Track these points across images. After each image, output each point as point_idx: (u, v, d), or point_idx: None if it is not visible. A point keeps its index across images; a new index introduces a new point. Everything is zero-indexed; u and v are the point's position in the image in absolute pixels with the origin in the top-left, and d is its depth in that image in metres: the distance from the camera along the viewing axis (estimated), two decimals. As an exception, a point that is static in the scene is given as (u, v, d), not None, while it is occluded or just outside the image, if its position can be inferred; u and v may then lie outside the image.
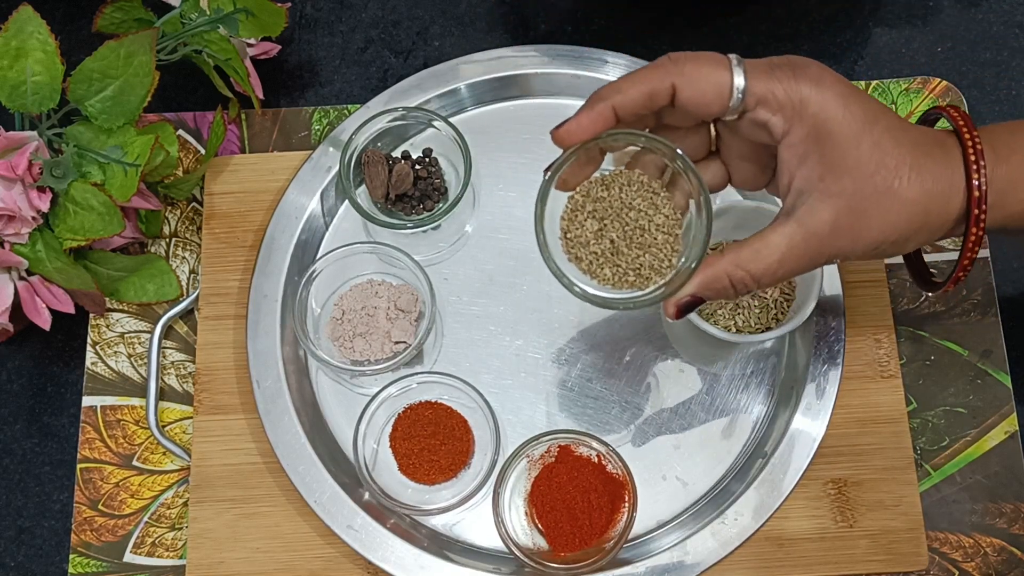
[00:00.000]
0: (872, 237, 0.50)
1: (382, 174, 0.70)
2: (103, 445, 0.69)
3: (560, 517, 0.63)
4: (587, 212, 0.53)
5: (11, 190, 0.62)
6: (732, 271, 0.51)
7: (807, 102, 0.49)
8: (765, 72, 0.49)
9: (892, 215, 0.49)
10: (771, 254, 0.50)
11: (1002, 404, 0.68)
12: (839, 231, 0.50)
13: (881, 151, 0.49)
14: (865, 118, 0.49)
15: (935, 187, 0.49)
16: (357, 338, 0.68)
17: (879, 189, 0.49)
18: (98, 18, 0.68)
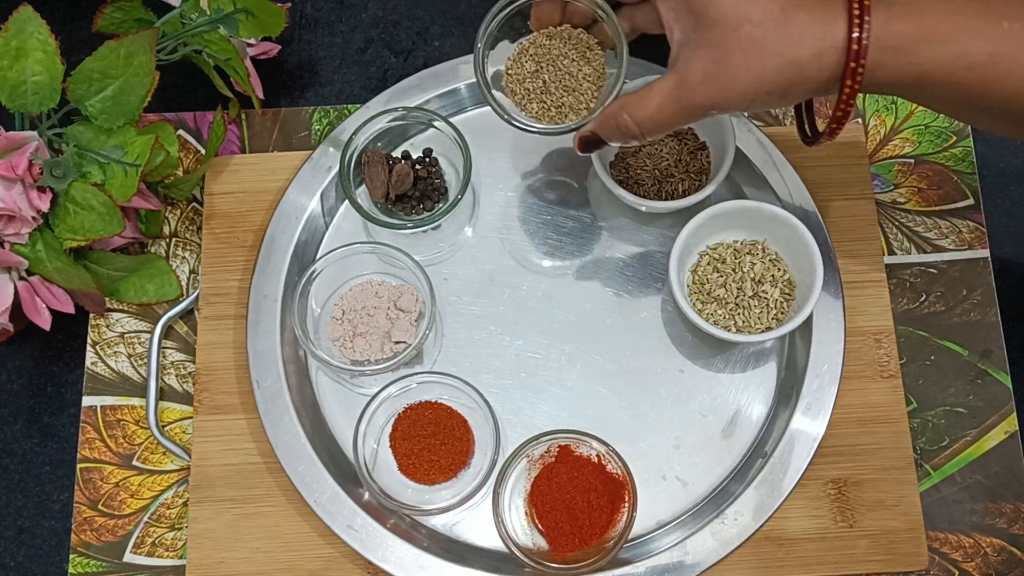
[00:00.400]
0: (741, 88, 0.51)
1: (382, 174, 0.69)
2: (103, 445, 0.69)
3: (560, 517, 0.63)
4: (529, 55, 0.63)
5: (11, 190, 0.62)
6: (618, 114, 0.56)
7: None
8: None
9: (758, 66, 0.50)
10: (651, 100, 0.54)
11: (1002, 404, 0.68)
12: (709, 80, 0.52)
13: (748, 3, 0.50)
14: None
15: (805, 40, 0.50)
16: (357, 338, 0.68)
17: (743, 41, 0.50)
18: (98, 18, 0.68)
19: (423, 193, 0.71)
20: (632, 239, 0.71)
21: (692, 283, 0.68)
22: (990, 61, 0.49)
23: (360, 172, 0.70)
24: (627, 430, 0.67)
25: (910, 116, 0.74)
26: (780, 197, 0.70)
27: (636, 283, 0.70)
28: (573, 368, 0.69)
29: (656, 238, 0.71)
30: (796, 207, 0.69)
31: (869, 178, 0.72)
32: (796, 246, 0.66)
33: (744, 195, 0.71)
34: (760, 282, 0.66)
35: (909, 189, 0.73)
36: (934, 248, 0.71)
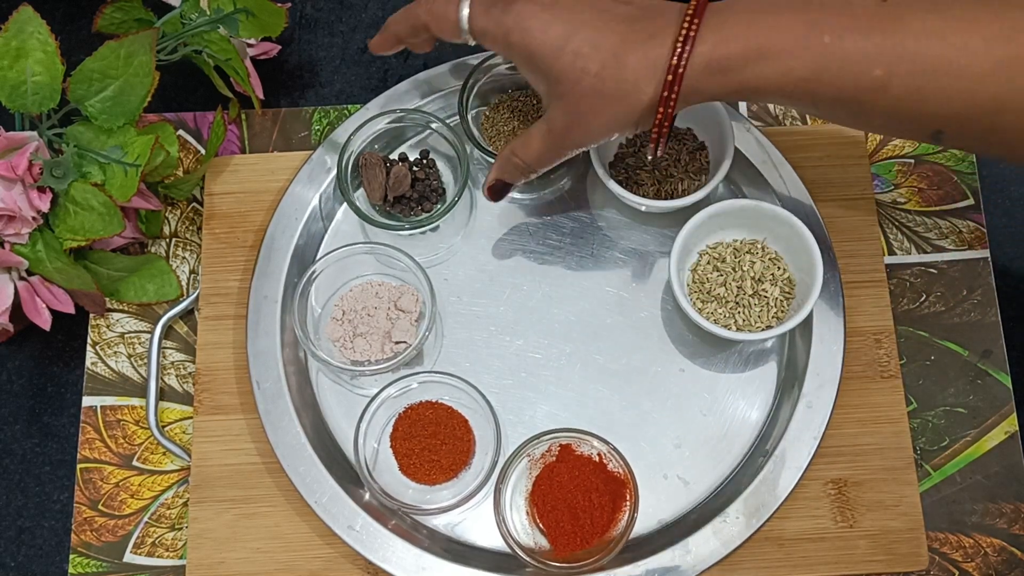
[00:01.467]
0: (597, 130, 0.57)
1: (380, 176, 0.70)
2: (103, 445, 0.69)
3: (561, 516, 0.63)
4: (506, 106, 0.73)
5: (11, 190, 0.62)
6: (510, 158, 0.62)
7: (511, 33, 0.55)
8: (483, 8, 0.57)
9: (604, 112, 0.55)
10: (532, 144, 0.60)
11: (1002, 404, 0.68)
12: (569, 128, 0.57)
13: (583, 60, 0.54)
14: (563, 35, 0.54)
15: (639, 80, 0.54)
16: (357, 338, 0.68)
17: (587, 92, 0.55)
18: (98, 18, 0.68)
19: (421, 195, 0.71)
20: (632, 239, 0.71)
21: (692, 282, 0.68)
22: (813, 76, 0.52)
23: (358, 174, 0.71)
24: (628, 429, 0.67)
25: (910, 116, 0.74)
26: (779, 197, 0.70)
27: (636, 283, 0.70)
28: (573, 368, 0.69)
29: (656, 238, 0.71)
30: (795, 207, 0.69)
31: (869, 178, 0.72)
32: (795, 245, 0.66)
33: (744, 195, 0.71)
34: (760, 281, 0.66)
35: (909, 189, 0.73)
36: (934, 248, 0.72)
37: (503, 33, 0.56)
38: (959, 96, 0.50)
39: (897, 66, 0.51)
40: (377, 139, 0.71)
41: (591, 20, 0.54)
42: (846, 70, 0.51)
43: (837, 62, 0.51)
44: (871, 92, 0.52)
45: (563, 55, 0.54)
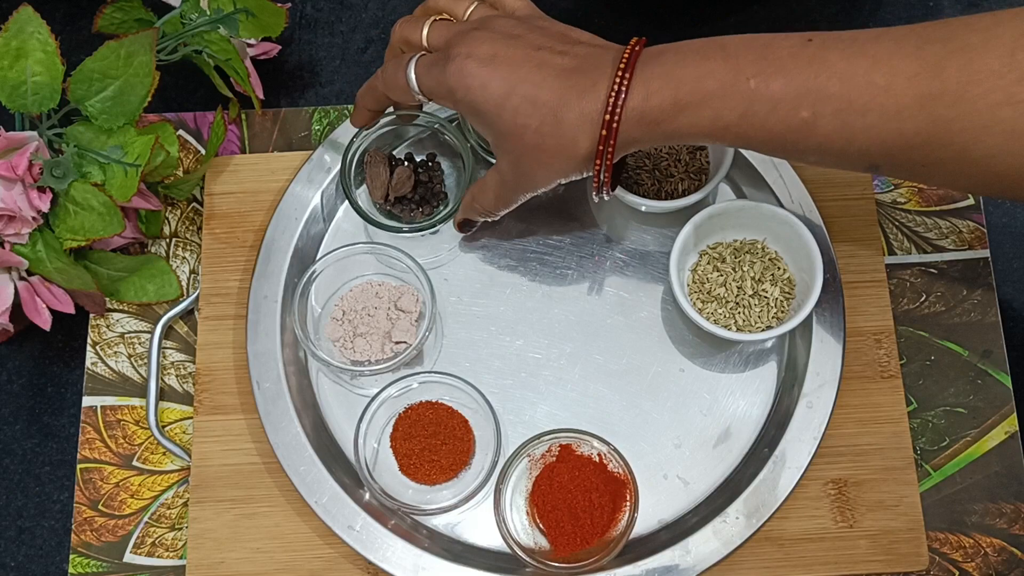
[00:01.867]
0: (541, 180, 0.59)
1: (383, 175, 0.69)
2: (103, 445, 0.69)
3: (562, 516, 0.63)
4: None
5: (11, 190, 0.62)
6: (472, 204, 0.65)
7: (454, 91, 0.57)
8: (425, 69, 0.59)
9: (547, 164, 0.57)
10: (488, 192, 0.63)
11: (1002, 404, 0.68)
12: (516, 178, 0.59)
13: (523, 116, 0.55)
14: (503, 92, 0.55)
15: (577, 135, 0.55)
16: (357, 338, 0.68)
17: (529, 146, 0.56)
18: (98, 18, 0.68)
19: (422, 197, 0.70)
20: (632, 239, 0.71)
21: (692, 282, 0.68)
22: (743, 120, 0.53)
23: (362, 172, 0.70)
24: (628, 429, 0.67)
25: (910, 116, 0.74)
26: (779, 197, 0.70)
27: (636, 283, 0.70)
28: (573, 368, 0.69)
29: (656, 238, 0.71)
30: (795, 207, 0.69)
31: (869, 178, 0.72)
32: (795, 245, 0.66)
33: (744, 195, 0.71)
34: (760, 281, 0.66)
35: (909, 189, 0.73)
36: (934, 248, 0.72)
37: (447, 91, 0.57)
38: (887, 132, 0.51)
39: (823, 106, 0.51)
40: (382, 138, 0.71)
41: (528, 76, 0.55)
42: (773, 113, 0.52)
43: (764, 106, 0.52)
44: (800, 132, 0.52)
45: (504, 112, 0.56)
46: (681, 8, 0.78)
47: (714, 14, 0.78)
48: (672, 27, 0.78)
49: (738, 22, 0.78)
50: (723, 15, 0.79)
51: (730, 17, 0.78)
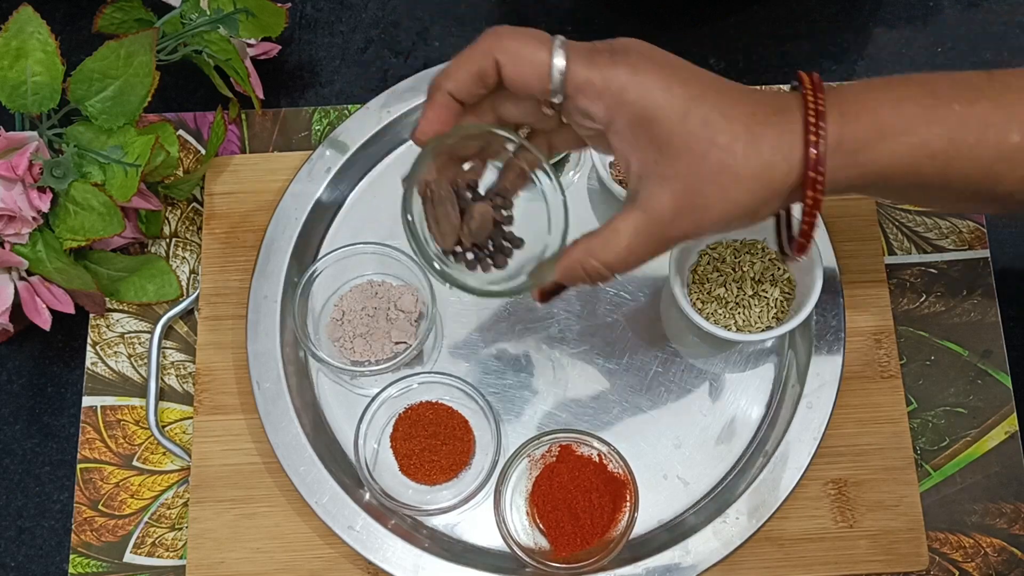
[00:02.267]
0: (715, 216, 0.49)
1: (451, 216, 0.53)
2: (103, 445, 0.69)
3: (562, 517, 0.63)
4: None
5: (11, 190, 0.62)
6: (585, 260, 0.51)
7: (625, 88, 0.47)
8: (585, 58, 0.48)
9: (732, 192, 0.48)
10: (619, 242, 0.50)
11: (1002, 404, 0.68)
12: (681, 214, 0.49)
13: (711, 129, 0.47)
14: (689, 97, 0.47)
15: (774, 157, 0.48)
16: (357, 339, 0.67)
17: (713, 168, 0.47)
18: (98, 18, 0.68)
19: (495, 244, 0.54)
20: (632, 239, 0.71)
21: (692, 283, 0.68)
22: (951, 146, 0.47)
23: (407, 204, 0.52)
24: (628, 430, 0.67)
25: (910, 116, 0.74)
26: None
27: (636, 283, 0.70)
28: (573, 368, 0.69)
29: (656, 238, 0.71)
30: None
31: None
32: (796, 246, 0.66)
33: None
34: (760, 281, 0.66)
35: (909, 189, 0.73)
36: (934, 248, 0.71)
37: (616, 88, 0.47)
38: None
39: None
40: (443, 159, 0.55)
41: (715, 86, 0.48)
42: (984, 138, 0.47)
43: (973, 130, 0.47)
44: (1011, 160, 0.48)
45: (688, 121, 0.47)
46: (681, 8, 0.78)
47: (714, 14, 0.78)
48: (672, 27, 0.78)
49: (738, 22, 0.78)
50: (723, 15, 0.78)
51: (730, 17, 0.78)
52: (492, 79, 0.50)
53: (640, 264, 0.51)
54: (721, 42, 0.78)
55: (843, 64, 0.77)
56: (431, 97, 0.50)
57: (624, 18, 0.79)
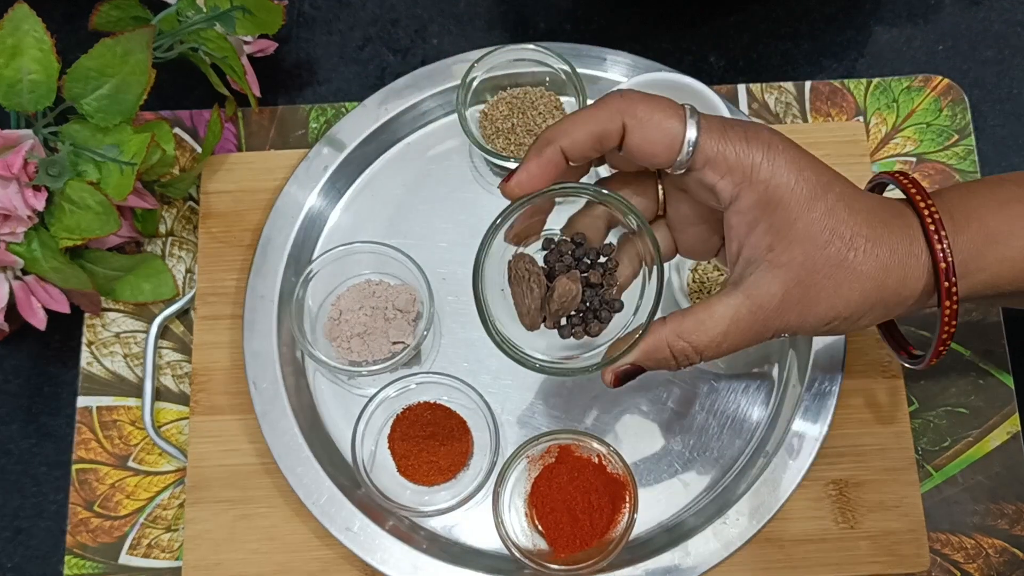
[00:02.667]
0: (822, 312, 0.47)
1: (535, 292, 0.50)
2: (98, 446, 0.68)
3: (560, 518, 0.63)
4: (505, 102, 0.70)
5: (6, 189, 0.61)
6: (674, 341, 0.49)
7: (757, 167, 0.46)
8: (718, 131, 0.47)
9: (845, 289, 0.47)
10: (715, 326, 0.48)
11: (1004, 404, 0.68)
12: (787, 305, 0.47)
13: (835, 219, 0.46)
14: (818, 183, 0.46)
15: (892, 260, 0.47)
16: (355, 338, 0.67)
17: (832, 261, 0.46)
18: (94, 16, 0.68)
19: (591, 308, 0.51)
20: (632, 238, 0.71)
21: (692, 282, 0.68)
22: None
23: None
24: (627, 430, 0.67)
25: (912, 114, 0.74)
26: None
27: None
28: (573, 368, 0.68)
29: (656, 237, 0.71)
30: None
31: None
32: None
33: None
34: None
35: (910, 188, 0.72)
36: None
37: (747, 165, 0.46)
38: None
39: None
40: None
41: (840, 178, 0.47)
42: None
43: None
44: None
45: (815, 208, 0.46)
46: (681, 7, 0.78)
47: (714, 13, 0.78)
48: (672, 26, 0.78)
49: (738, 22, 0.78)
50: (723, 14, 0.78)
51: (730, 16, 0.78)
52: (612, 143, 0.48)
53: (731, 352, 0.49)
54: (721, 42, 0.78)
55: (843, 63, 0.77)
56: (539, 150, 0.48)
57: (624, 18, 0.78)
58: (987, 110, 0.76)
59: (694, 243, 0.52)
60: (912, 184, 0.49)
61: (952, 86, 0.74)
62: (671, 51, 0.77)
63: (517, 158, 0.69)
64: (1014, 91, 0.76)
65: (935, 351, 0.51)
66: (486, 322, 0.49)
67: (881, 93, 0.74)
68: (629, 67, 0.72)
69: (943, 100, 0.74)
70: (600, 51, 0.73)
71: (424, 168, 0.73)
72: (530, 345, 0.51)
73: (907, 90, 0.74)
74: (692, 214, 0.51)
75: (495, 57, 0.70)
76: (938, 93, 0.74)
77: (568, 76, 0.70)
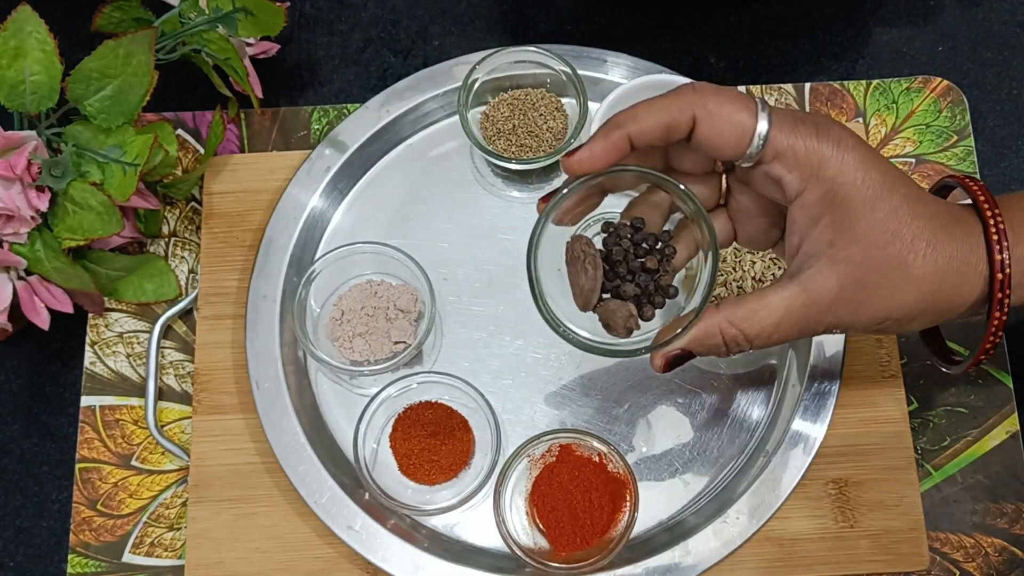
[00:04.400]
0: (875, 312, 0.47)
1: (591, 273, 0.50)
2: (102, 445, 0.69)
3: (561, 517, 0.63)
4: (506, 103, 0.70)
5: (10, 190, 0.61)
6: (726, 328, 0.49)
7: (826, 163, 0.46)
8: (789, 125, 0.47)
9: (900, 292, 0.47)
10: (768, 316, 0.48)
11: (1003, 404, 0.68)
12: (842, 301, 0.47)
13: (897, 221, 0.46)
14: (884, 183, 0.46)
15: (949, 267, 0.47)
16: (356, 338, 0.67)
17: (890, 262, 0.46)
18: (97, 17, 0.68)
19: (645, 293, 0.50)
20: (632, 239, 0.71)
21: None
22: None
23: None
24: (628, 429, 0.67)
25: (911, 115, 0.74)
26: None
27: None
28: (573, 367, 0.69)
29: (656, 238, 0.71)
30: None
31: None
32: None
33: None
34: (760, 281, 0.66)
35: (910, 188, 0.73)
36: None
37: (816, 160, 0.46)
38: None
39: None
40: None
41: (906, 179, 0.47)
42: None
43: None
44: None
45: (879, 207, 0.46)
46: (681, 8, 0.78)
47: (714, 14, 0.78)
48: (672, 27, 0.78)
49: (738, 22, 0.78)
50: (724, 14, 0.78)
51: (730, 17, 0.78)
52: (681, 134, 0.48)
53: (779, 344, 0.49)
54: (721, 42, 0.78)
55: (843, 63, 0.77)
56: (606, 133, 0.48)
57: (624, 18, 0.79)
58: (986, 111, 0.76)
59: (753, 233, 0.53)
60: (981, 191, 0.49)
61: (951, 87, 0.74)
62: (671, 51, 0.77)
63: (518, 159, 0.70)
64: (1013, 92, 0.76)
65: (976, 359, 0.51)
66: (536, 294, 0.50)
67: (880, 94, 0.74)
68: (629, 68, 0.73)
69: (942, 101, 0.74)
70: (601, 53, 0.73)
71: (425, 169, 0.73)
72: (577, 324, 0.51)
73: (906, 91, 0.75)
74: (754, 207, 0.51)
75: (496, 59, 0.70)
76: (937, 94, 0.74)
77: (569, 78, 0.70)
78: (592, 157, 0.48)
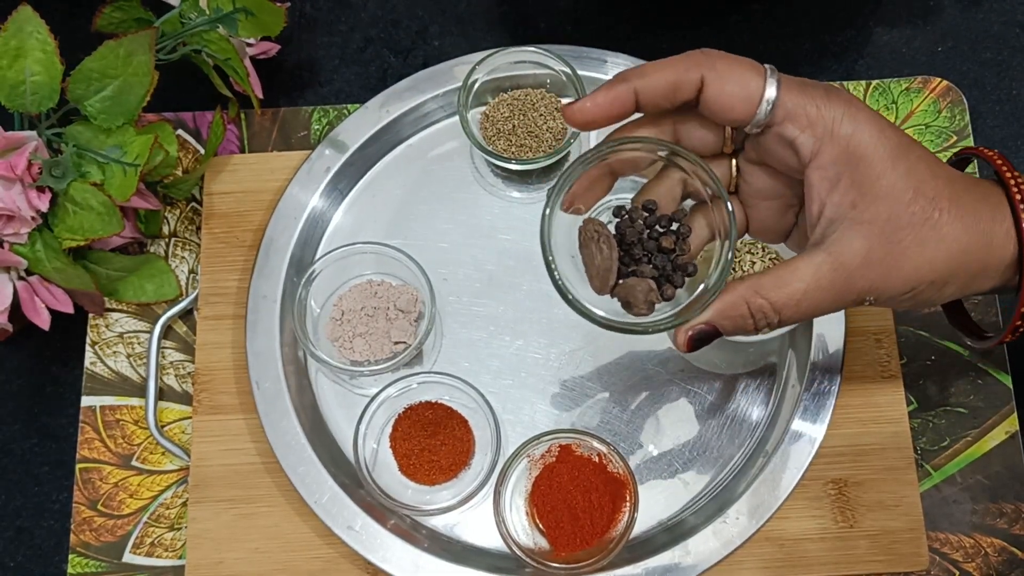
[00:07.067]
0: (907, 274, 0.46)
1: (606, 254, 0.48)
2: (102, 445, 0.69)
3: (561, 517, 0.63)
4: (506, 104, 0.70)
5: (10, 190, 0.62)
6: (751, 298, 0.47)
7: (839, 121, 0.45)
8: (798, 87, 0.46)
9: (930, 249, 0.45)
10: (796, 284, 0.46)
11: (1003, 404, 0.68)
12: (871, 263, 0.45)
13: (917, 178, 0.45)
14: (900, 143, 0.46)
15: (976, 225, 0.45)
16: (357, 338, 0.67)
17: (916, 218, 0.45)
18: (97, 18, 0.68)
19: (663, 273, 0.49)
20: (632, 239, 0.71)
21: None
22: None
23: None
24: (627, 429, 0.67)
25: (911, 115, 0.74)
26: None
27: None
28: (573, 368, 0.69)
29: (656, 238, 0.71)
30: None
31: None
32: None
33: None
34: (760, 282, 0.66)
35: (909, 189, 0.73)
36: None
37: (829, 119, 0.45)
38: None
39: None
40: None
41: (918, 142, 0.47)
42: None
43: None
44: None
45: (898, 165, 0.45)
46: (681, 8, 0.78)
47: (714, 13, 0.78)
48: (672, 27, 0.78)
49: (738, 22, 0.78)
50: (723, 14, 0.78)
51: (730, 17, 0.78)
52: (687, 95, 0.47)
53: (811, 316, 0.47)
54: (721, 42, 0.77)
55: (843, 63, 0.77)
56: (611, 84, 0.46)
57: (624, 18, 0.79)
58: (986, 111, 0.76)
59: (766, 219, 0.52)
60: (999, 156, 0.48)
61: (951, 88, 0.74)
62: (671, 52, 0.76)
63: (518, 159, 0.70)
64: (1013, 92, 0.76)
65: (1012, 326, 0.49)
66: (551, 268, 0.48)
67: (880, 95, 0.75)
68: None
69: (942, 102, 0.74)
70: (600, 53, 0.73)
71: (425, 169, 0.73)
72: (595, 304, 0.49)
73: (906, 92, 0.75)
74: (766, 188, 0.50)
75: (496, 59, 0.70)
76: (937, 95, 0.74)
77: (569, 78, 0.70)
78: (595, 106, 0.47)
